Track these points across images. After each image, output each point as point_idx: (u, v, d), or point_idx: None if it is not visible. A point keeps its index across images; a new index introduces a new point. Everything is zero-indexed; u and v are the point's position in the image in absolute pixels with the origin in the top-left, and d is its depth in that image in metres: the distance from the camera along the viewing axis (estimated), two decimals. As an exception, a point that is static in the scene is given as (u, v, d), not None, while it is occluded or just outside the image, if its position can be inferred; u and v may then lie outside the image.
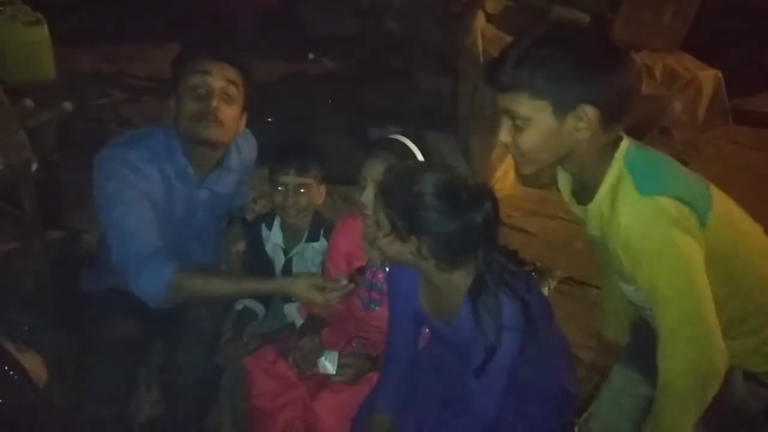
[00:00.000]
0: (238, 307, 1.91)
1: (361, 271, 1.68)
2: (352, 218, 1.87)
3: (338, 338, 1.81)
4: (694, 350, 1.20)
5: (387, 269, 1.74)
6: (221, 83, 1.64)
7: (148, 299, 1.57)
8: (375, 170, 1.61)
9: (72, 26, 4.62)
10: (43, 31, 3.49)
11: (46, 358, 1.83)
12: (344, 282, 1.60)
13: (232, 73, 1.67)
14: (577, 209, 1.39)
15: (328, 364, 1.68)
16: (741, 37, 4.81)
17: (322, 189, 1.96)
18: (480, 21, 3.86)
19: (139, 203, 1.58)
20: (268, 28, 5.24)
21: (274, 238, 2.00)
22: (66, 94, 2.51)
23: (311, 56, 5.03)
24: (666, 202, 1.19)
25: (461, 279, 1.40)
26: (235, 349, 1.81)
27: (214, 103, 1.63)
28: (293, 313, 1.99)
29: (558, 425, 1.56)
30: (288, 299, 1.99)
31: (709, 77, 3.97)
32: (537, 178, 3.54)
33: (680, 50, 4.05)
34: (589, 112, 1.19)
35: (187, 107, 1.64)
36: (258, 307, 1.92)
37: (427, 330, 1.67)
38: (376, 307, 1.80)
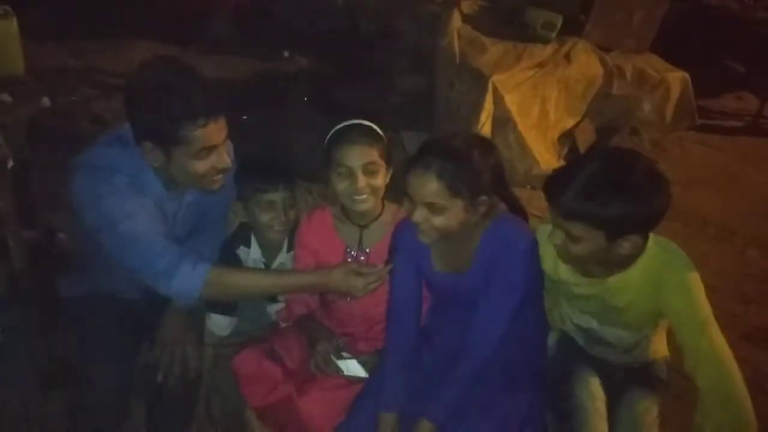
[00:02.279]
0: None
1: (395, 251, 1.66)
2: (320, 210, 1.86)
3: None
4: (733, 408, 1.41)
5: (368, 250, 1.75)
6: (223, 136, 1.58)
7: (182, 297, 1.55)
8: (361, 157, 1.64)
9: (38, 20, 4.51)
10: (12, 25, 3.39)
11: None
12: (380, 266, 1.60)
13: (224, 122, 1.58)
14: (576, 280, 1.59)
15: (360, 368, 1.71)
16: (705, 40, 4.97)
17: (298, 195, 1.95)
18: (456, 21, 3.90)
19: (141, 212, 1.53)
20: (242, 26, 5.18)
21: (254, 254, 1.96)
22: (38, 89, 2.44)
23: (286, 54, 4.99)
24: None
25: (482, 223, 1.58)
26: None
27: (223, 164, 1.58)
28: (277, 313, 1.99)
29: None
30: (274, 299, 1.98)
31: (677, 79, 4.07)
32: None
33: (649, 52, 4.14)
34: (636, 239, 1.43)
35: (196, 167, 1.55)
36: (226, 324, 1.93)
37: (431, 294, 1.74)
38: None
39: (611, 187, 1.37)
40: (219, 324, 1.95)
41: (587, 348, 1.74)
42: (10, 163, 1.94)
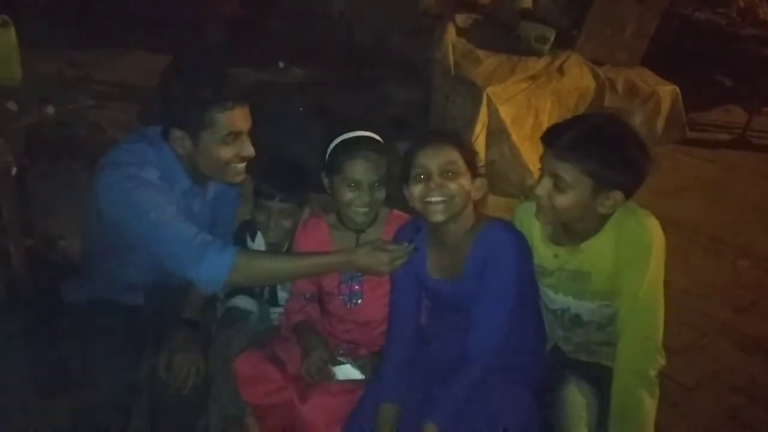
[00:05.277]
0: (228, 304, 1.91)
1: (417, 230, 1.66)
2: (315, 218, 1.88)
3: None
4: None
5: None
6: (248, 124, 1.62)
7: (209, 284, 1.55)
8: (371, 172, 1.68)
9: (35, 30, 4.52)
10: (11, 34, 3.40)
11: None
12: (405, 244, 1.61)
13: (248, 111, 1.63)
14: (553, 251, 1.66)
15: (355, 370, 1.72)
16: (694, 54, 5.06)
17: (306, 209, 1.96)
18: (451, 34, 3.95)
19: (169, 203, 1.57)
20: (237, 37, 5.22)
21: (257, 248, 1.98)
22: (43, 97, 2.46)
23: (281, 65, 5.03)
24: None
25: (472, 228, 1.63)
26: (225, 344, 1.81)
27: (247, 152, 1.63)
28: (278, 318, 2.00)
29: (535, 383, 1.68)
30: (275, 302, 2.00)
31: (667, 92, 4.15)
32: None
33: (640, 66, 4.22)
34: (618, 197, 1.50)
35: (222, 152, 1.61)
36: (251, 305, 1.93)
37: (427, 303, 1.75)
38: (358, 301, 1.84)
39: (610, 136, 1.48)
40: (247, 303, 1.96)
41: (567, 337, 1.76)
42: (14, 171, 1.95)
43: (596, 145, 1.46)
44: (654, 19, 4.12)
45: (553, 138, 1.50)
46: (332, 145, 1.74)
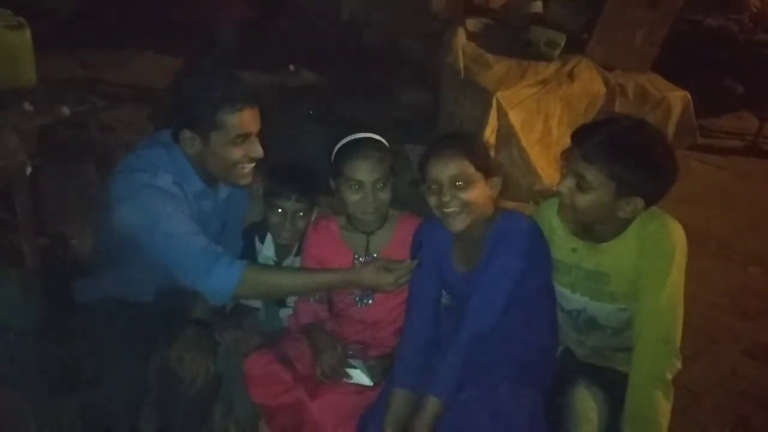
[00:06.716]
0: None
1: (418, 246, 1.69)
2: (326, 220, 1.90)
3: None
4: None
5: (375, 255, 1.79)
6: (257, 125, 1.65)
7: (216, 296, 1.59)
8: (373, 173, 1.69)
9: (48, 32, 4.58)
10: (26, 36, 3.45)
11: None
12: (408, 261, 1.63)
13: (258, 113, 1.65)
14: (572, 244, 1.67)
15: (365, 376, 1.73)
16: (706, 60, 5.04)
17: (316, 210, 1.98)
18: (461, 38, 3.96)
19: (182, 214, 1.59)
20: (247, 39, 5.25)
21: (266, 251, 2.01)
22: (57, 98, 2.49)
23: (291, 68, 5.05)
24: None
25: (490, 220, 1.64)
26: (231, 337, 1.82)
27: (256, 153, 1.65)
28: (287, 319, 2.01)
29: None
30: (283, 303, 2.01)
31: (678, 98, 4.12)
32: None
33: (651, 71, 4.20)
34: (639, 204, 1.51)
35: (231, 153, 1.63)
36: (257, 302, 1.94)
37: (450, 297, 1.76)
38: (369, 301, 1.85)
39: (639, 143, 1.48)
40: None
41: (581, 340, 1.76)
42: (29, 170, 1.98)
43: (623, 151, 1.47)
44: (665, 25, 4.10)
45: (582, 138, 1.52)
46: (335, 150, 1.76)
